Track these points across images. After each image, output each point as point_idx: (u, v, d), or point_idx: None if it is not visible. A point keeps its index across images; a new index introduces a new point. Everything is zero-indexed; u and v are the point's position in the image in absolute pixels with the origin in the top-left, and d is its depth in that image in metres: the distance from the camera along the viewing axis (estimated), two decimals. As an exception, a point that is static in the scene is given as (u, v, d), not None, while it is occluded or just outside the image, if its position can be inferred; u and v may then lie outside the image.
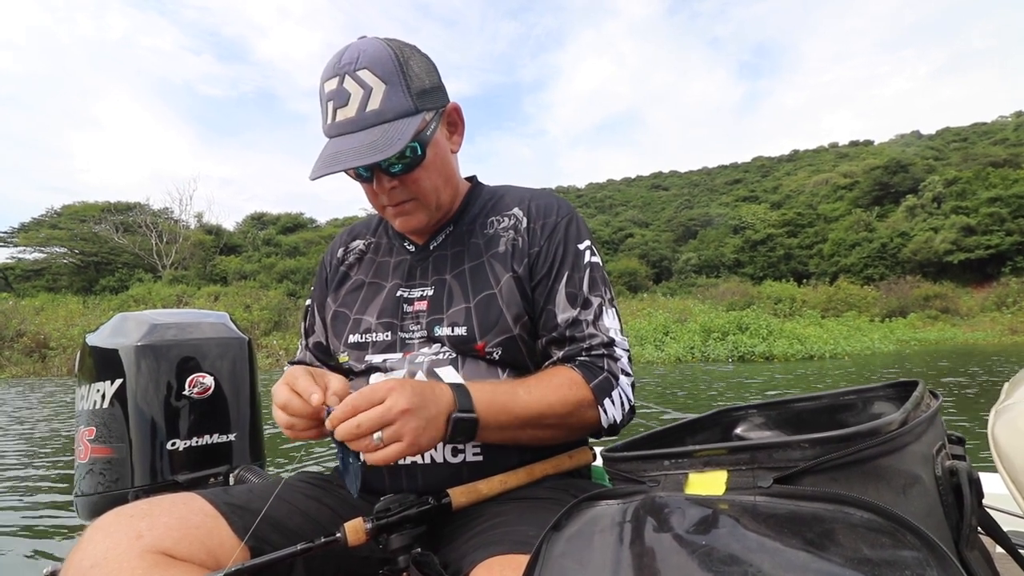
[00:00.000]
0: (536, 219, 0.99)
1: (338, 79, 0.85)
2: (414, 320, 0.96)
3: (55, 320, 20.12)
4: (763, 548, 0.42)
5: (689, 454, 0.55)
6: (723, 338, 18.24)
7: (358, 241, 1.12)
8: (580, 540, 0.53)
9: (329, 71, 0.86)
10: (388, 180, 0.91)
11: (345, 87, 0.85)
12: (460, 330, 0.92)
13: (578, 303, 0.95)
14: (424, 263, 1.01)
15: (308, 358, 1.12)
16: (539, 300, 0.96)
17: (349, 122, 0.85)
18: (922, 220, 43.27)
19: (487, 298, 0.94)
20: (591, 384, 0.90)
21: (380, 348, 0.97)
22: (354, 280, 1.07)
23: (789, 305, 30.67)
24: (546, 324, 0.95)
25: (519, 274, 0.95)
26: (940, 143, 65.36)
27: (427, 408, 0.75)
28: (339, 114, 0.85)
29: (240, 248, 42.63)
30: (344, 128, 0.85)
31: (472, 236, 1.01)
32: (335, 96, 0.85)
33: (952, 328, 28.12)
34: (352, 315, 1.02)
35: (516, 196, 1.05)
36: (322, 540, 0.72)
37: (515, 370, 0.94)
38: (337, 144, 0.85)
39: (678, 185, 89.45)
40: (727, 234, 53.00)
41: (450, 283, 0.97)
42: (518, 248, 0.97)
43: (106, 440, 1.26)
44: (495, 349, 0.92)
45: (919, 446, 0.49)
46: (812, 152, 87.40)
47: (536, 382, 0.89)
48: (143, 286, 30.32)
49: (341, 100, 0.85)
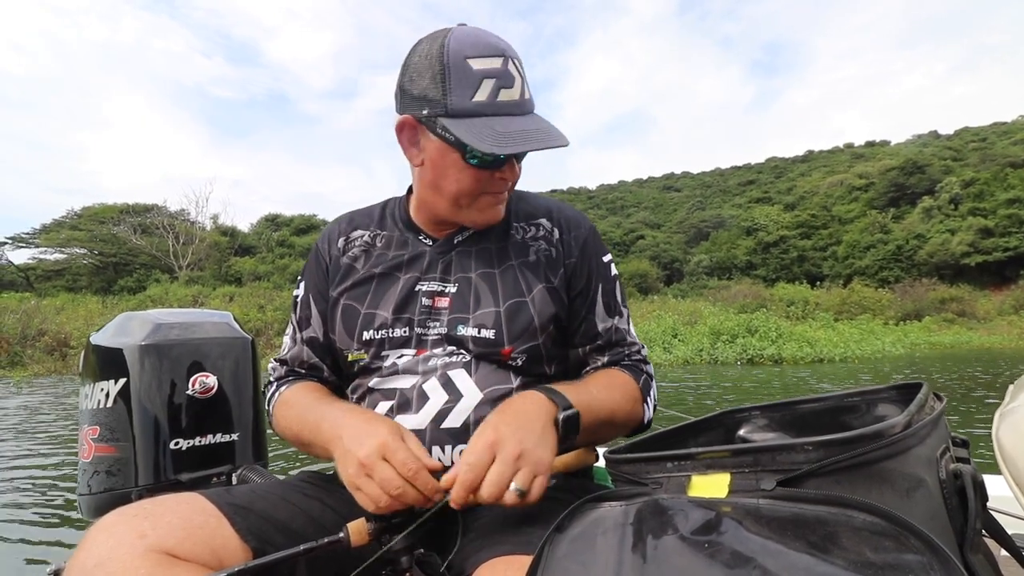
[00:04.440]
0: (567, 231, 1.01)
1: (502, 60, 0.84)
2: (433, 316, 0.94)
3: (75, 319, 20.37)
4: (766, 551, 0.42)
5: (692, 456, 0.55)
6: (732, 341, 18.08)
7: (360, 231, 1.06)
8: (583, 541, 0.53)
9: (486, 48, 0.84)
10: (517, 167, 0.93)
11: (509, 70, 0.85)
12: (488, 332, 0.91)
13: (614, 312, 1.01)
14: (445, 257, 0.98)
15: (305, 355, 1.05)
16: (579, 310, 0.98)
17: (514, 104, 0.85)
18: (939, 222, 42.79)
19: (518, 304, 0.93)
20: (640, 385, 0.97)
21: (396, 344, 0.94)
22: (361, 273, 1.01)
23: (802, 308, 30.35)
24: (587, 333, 0.99)
25: (555, 285, 0.96)
26: (958, 143, 64.55)
27: (532, 429, 0.75)
28: (504, 94, 0.84)
29: (254, 249, 43.04)
30: (510, 109, 0.85)
31: (498, 238, 1.00)
32: (500, 75, 0.84)
33: (968, 332, 27.73)
34: (363, 309, 0.97)
35: (539, 205, 1.05)
36: (325, 540, 0.72)
37: (529, 377, 0.94)
38: (509, 123, 0.84)
39: (690, 186, 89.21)
40: (739, 236, 52.74)
41: (476, 283, 0.95)
42: (551, 259, 0.98)
43: (110, 439, 1.26)
44: (520, 356, 0.92)
45: (923, 449, 0.49)
46: (827, 153, 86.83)
47: (601, 383, 0.92)
48: (160, 286, 30.68)
49: (507, 81, 0.84)
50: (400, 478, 0.72)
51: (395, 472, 0.72)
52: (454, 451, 0.88)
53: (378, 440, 0.74)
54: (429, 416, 0.88)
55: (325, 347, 1.03)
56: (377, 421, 0.80)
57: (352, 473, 0.74)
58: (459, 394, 0.89)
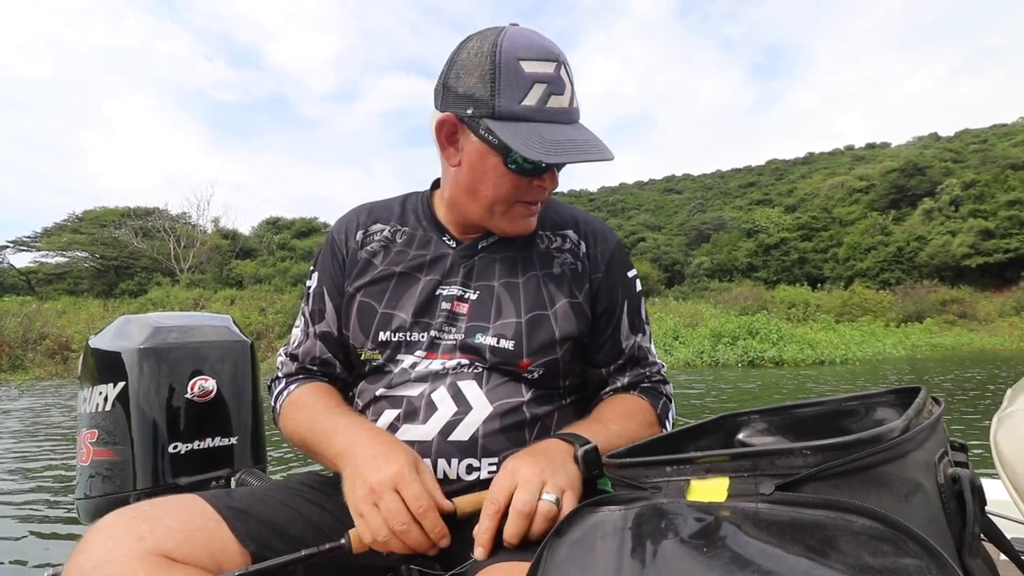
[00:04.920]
0: (594, 245, 0.99)
1: (555, 65, 0.81)
2: (451, 322, 0.92)
3: (76, 323, 20.41)
4: (765, 555, 0.41)
5: (691, 460, 0.55)
6: (733, 343, 18.07)
7: (380, 226, 1.02)
8: (582, 546, 0.53)
9: (540, 51, 0.81)
10: (554, 178, 0.89)
11: (561, 76, 0.82)
12: (507, 343, 0.89)
13: (638, 330, 1.01)
14: (468, 262, 0.96)
15: (318, 350, 1.01)
16: (604, 328, 0.98)
17: (563, 112, 0.82)
18: (939, 223, 42.77)
19: (539, 317, 0.92)
20: (658, 411, 0.98)
21: (415, 348, 0.92)
22: (380, 269, 0.97)
23: (803, 310, 30.32)
24: (611, 350, 0.99)
25: (579, 300, 0.94)
26: (959, 145, 64.56)
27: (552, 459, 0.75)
28: (553, 100, 0.81)
29: (255, 252, 43.06)
30: (559, 116, 0.82)
31: (523, 246, 0.97)
32: (552, 81, 0.81)
33: (969, 333, 27.67)
34: (381, 308, 0.94)
35: (567, 215, 1.03)
36: (327, 547, 0.72)
37: (541, 391, 0.93)
38: (558, 131, 0.81)
39: (691, 188, 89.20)
40: (740, 238, 52.70)
41: (499, 292, 0.93)
42: (577, 273, 0.96)
43: (108, 443, 1.26)
44: (537, 369, 0.91)
45: (921, 453, 0.49)
46: (827, 155, 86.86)
47: (617, 412, 0.93)
48: (161, 289, 30.71)
49: (558, 87, 0.81)
50: (408, 514, 0.70)
51: (404, 507, 0.70)
52: (460, 464, 0.86)
53: (394, 469, 0.72)
54: (437, 427, 0.87)
55: (339, 343, 1.00)
56: (396, 449, 0.77)
57: (360, 497, 0.72)
58: (468, 406, 0.88)
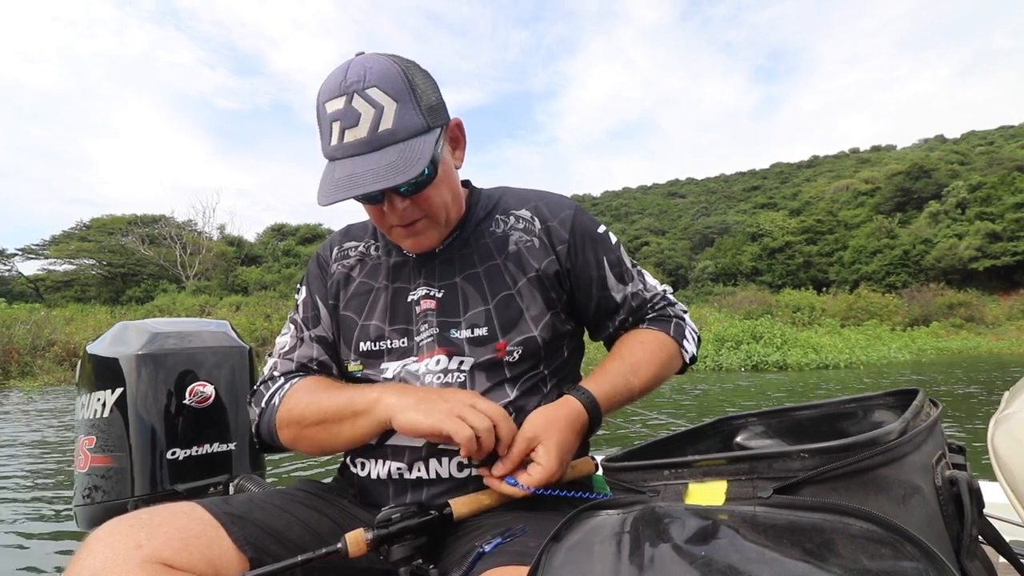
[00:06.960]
0: (550, 218, 1.00)
1: (345, 98, 0.81)
2: (424, 319, 0.95)
3: (84, 330, 20.53)
4: (762, 559, 0.41)
5: (689, 464, 0.54)
6: (737, 347, 18.01)
7: (355, 243, 1.07)
8: (580, 550, 0.53)
9: (333, 90, 0.83)
10: (400, 200, 0.87)
11: (354, 106, 0.81)
12: (480, 331, 0.92)
13: (627, 279, 1.03)
14: (428, 266, 0.99)
15: (316, 352, 1.02)
16: (591, 290, 1.00)
17: (360, 143, 0.82)
18: (946, 226, 42.60)
19: (506, 298, 0.94)
20: (671, 334, 1.01)
21: (397, 355, 0.95)
22: (358, 283, 1.02)
23: (808, 314, 30.19)
24: (607, 308, 1.02)
25: (541, 273, 0.95)
26: (965, 147, 64.31)
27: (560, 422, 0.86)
28: (348, 135, 0.82)
29: (261, 259, 43.35)
30: (355, 149, 0.82)
31: (479, 239, 1.00)
32: (343, 116, 0.82)
33: (976, 337, 27.50)
34: (360, 321, 0.98)
35: (518, 197, 1.05)
36: (323, 551, 0.72)
37: (526, 383, 0.93)
38: (349, 166, 0.81)
39: (695, 192, 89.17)
40: (745, 242, 52.62)
41: (462, 286, 0.96)
42: (535, 249, 0.97)
43: (106, 449, 1.26)
44: (516, 348, 0.91)
45: (919, 456, 0.48)
46: (832, 158, 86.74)
47: (636, 357, 0.97)
48: (168, 296, 30.88)
49: (350, 120, 0.81)
50: (488, 420, 0.80)
51: (484, 416, 0.80)
52: (451, 463, 0.88)
53: (463, 392, 0.85)
54: None
55: (334, 348, 1.03)
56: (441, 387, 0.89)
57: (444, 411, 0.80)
58: None
